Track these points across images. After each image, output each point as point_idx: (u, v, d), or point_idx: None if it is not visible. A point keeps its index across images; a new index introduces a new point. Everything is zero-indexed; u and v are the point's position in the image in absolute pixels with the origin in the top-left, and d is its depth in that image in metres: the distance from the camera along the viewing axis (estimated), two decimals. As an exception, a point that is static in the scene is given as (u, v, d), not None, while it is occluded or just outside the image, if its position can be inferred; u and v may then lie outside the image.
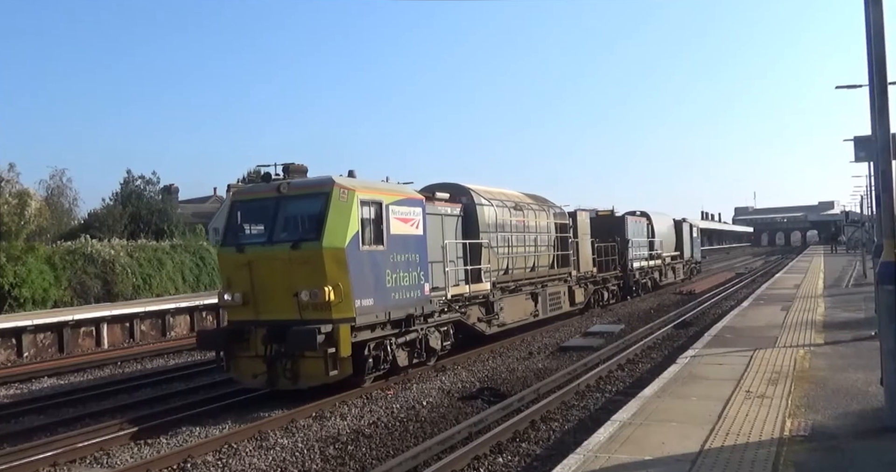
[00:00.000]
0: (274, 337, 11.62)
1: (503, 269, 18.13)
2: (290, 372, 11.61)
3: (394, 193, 13.39)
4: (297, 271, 11.55)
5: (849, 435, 7.49)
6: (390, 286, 12.73)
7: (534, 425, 10.12)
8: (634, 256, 30.40)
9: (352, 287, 11.63)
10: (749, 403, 9.01)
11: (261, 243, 12.18)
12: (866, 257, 33.17)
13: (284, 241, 11.90)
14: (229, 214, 13.12)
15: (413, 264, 13.47)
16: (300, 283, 11.46)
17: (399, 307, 12.92)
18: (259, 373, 11.81)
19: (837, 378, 10.38)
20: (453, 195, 16.57)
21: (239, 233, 12.75)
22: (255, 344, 11.93)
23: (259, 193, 12.74)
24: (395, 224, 12.96)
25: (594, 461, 6.83)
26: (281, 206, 12.19)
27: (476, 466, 8.50)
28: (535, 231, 20.20)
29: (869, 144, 12.74)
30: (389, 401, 12.05)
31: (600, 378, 13.31)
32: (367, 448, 9.44)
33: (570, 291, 22.54)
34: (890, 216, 7.79)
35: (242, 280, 12.03)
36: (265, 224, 12.45)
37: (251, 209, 12.77)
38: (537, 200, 21.33)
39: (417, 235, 13.75)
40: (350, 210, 11.85)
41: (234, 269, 12.25)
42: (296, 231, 12.12)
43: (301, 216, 12.34)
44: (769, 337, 14.72)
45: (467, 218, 16.67)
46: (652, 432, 7.85)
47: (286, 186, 12.13)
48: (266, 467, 8.87)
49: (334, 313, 11.45)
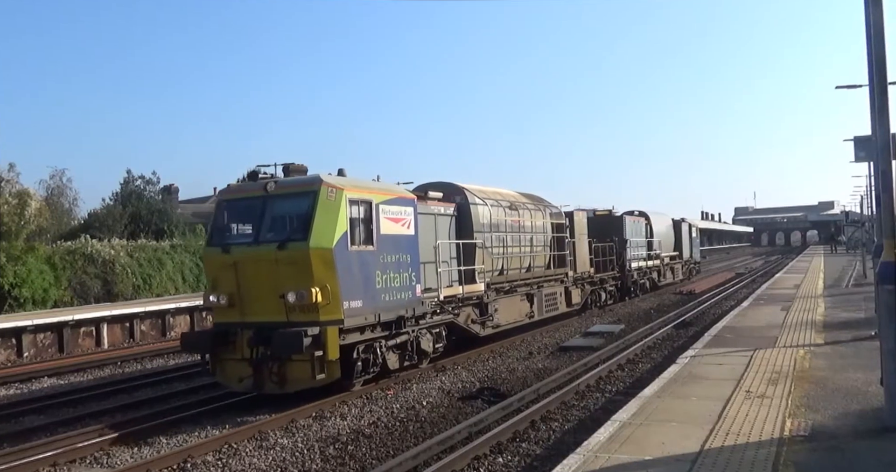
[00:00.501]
0: (260, 340, 11.40)
1: (498, 269, 17.92)
2: (276, 376, 11.39)
3: (384, 192, 13.08)
4: (283, 271, 11.33)
5: (849, 435, 7.49)
6: (380, 287, 12.47)
7: (534, 425, 10.12)
8: (633, 256, 30.12)
9: (340, 288, 11.40)
10: (749, 403, 9.01)
11: (247, 244, 11.92)
12: (866, 257, 33.15)
13: (271, 241, 11.65)
14: (215, 213, 12.92)
15: (404, 264, 13.21)
16: (287, 284, 11.22)
17: (389, 309, 12.67)
18: (245, 376, 11.59)
19: (837, 378, 10.38)
20: (447, 195, 16.32)
21: (225, 233, 12.51)
22: (240, 347, 11.69)
23: (245, 193, 12.38)
24: (385, 224, 12.70)
25: (594, 461, 6.83)
26: (268, 205, 11.94)
27: (476, 466, 8.50)
28: (531, 231, 19.97)
29: (869, 144, 12.73)
30: (389, 401, 12.05)
31: (600, 378, 13.31)
32: (367, 448, 9.44)
33: (567, 291, 22.30)
34: (890, 216, 7.79)
35: (228, 281, 11.81)
36: (252, 224, 12.21)
37: (237, 209, 12.53)
38: (533, 200, 21.13)
39: (409, 235, 13.47)
40: (338, 210, 11.63)
41: (219, 270, 12.04)
42: (282, 231, 11.84)
43: (288, 216, 12.07)
44: (769, 337, 14.72)
45: (461, 218, 16.45)
46: (652, 432, 7.85)
47: (273, 185, 11.90)
48: (266, 467, 8.87)
49: (322, 314, 11.24)
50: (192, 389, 13.78)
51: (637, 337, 18.40)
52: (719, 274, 48.52)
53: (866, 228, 43.53)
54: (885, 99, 8.00)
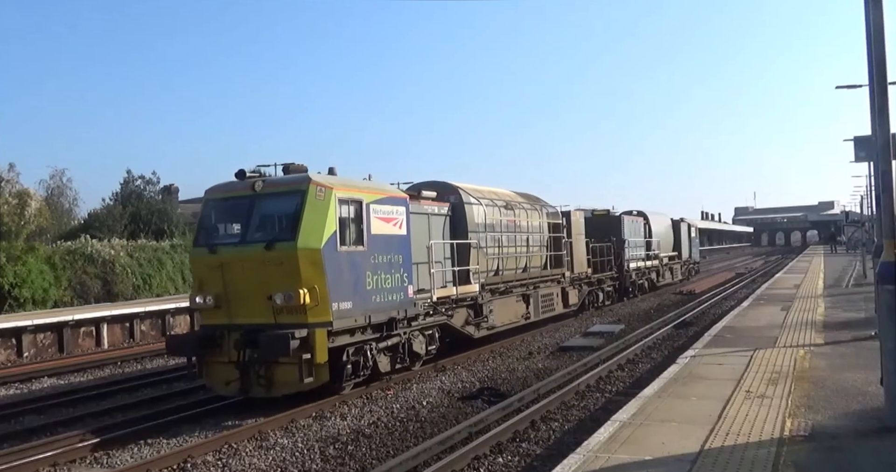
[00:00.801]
0: (247, 342, 11.12)
1: (493, 270, 17.66)
2: (263, 379, 11.13)
3: (375, 191, 12.77)
4: (271, 272, 11.09)
5: (849, 435, 7.49)
6: (371, 289, 12.19)
7: (534, 425, 10.12)
8: (631, 256, 29.93)
9: (328, 290, 11.15)
10: (749, 403, 9.01)
11: (234, 244, 11.69)
12: (866, 257, 33.14)
13: (258, 241, 11.39)
14: (202, 213, 12.68)
15: (396, 265, 12.93)
16: (274, 285, 10.99)
17: (380, 311, 12.39)
18: (232, 380, 11.31)
19: (837, 378, 10.38)
20: (441, 194, 16.05)
21: (212, 233, 12.24)
22: (227, 349, 11.41)
23: (233, 192, 12.05)
24: (376, 224, 12.43)
25: (594, 461, 6.83)
26: (255, 205, 11.68)
27: (476, 466, 8.50)
28: (527, 231, 19.70)
29: (869, 144, 12.75)
30: (389, 401, 12.05)
31: (600, 378, 13.31)
32: (367, 448, 9.44)
33: (564, 292, 22.01)
34: (890, 216, 7.79)
35: (215, 282, 11.56)
36: (239, 224, 11.96)
37: (225, 208, 12.24)
38: (529, 200, 20.85)
39: (400, 235, 13.19)
40: (327, 209, 11.38)
41: (206, 270, 11.80)
42: (270, 231, 11.61)
43: (276, 216, 11.81)
44: (769, 337, 14.72)
45: (455, 217, 16.17)
46: (652, 432, 7.85)
47: (261, 184, 11.65)
48: (266, 467, 8.87)
49: (310, 316, 11.00)
50: (192, 389, 13.75)
51: (637, 337, 18.41)
52: (719, 274, 48.53)
53: (866, 228, 43.53)
54: (885, 99, 8.00)
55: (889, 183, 7.80)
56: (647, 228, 33.74)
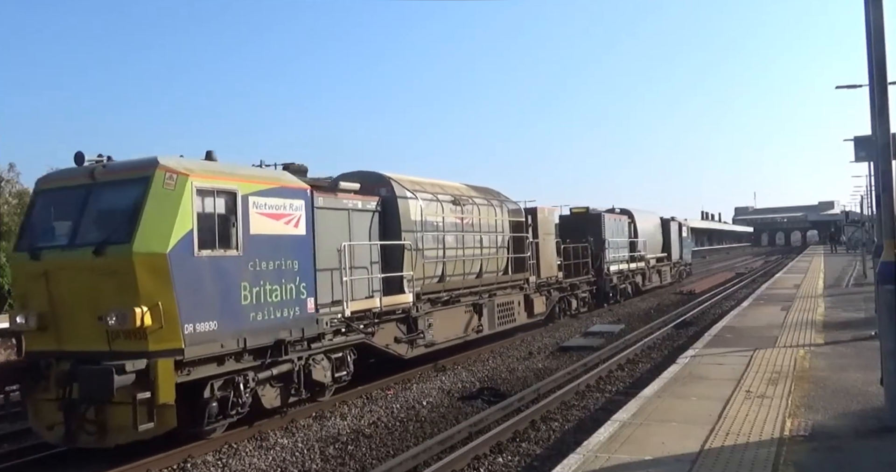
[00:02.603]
0: (72, 376, 8.69)
1: (435, 276, 15.14)
2: (93, 424, 8.72)
3: (258, 180, 10.29)
4: (102, 284, 8.69)
5: (849, 435, 7.50)
6: (248, 304, 9.70)
7: (534, 425, 10.13)
8: (612, 258, 27.47)
9: (178, 307, 8.68)
10: (749, 403, 9.01)
11: (60, 247, 9.18)
12: (866, 257, 33.14)
13: (88, 244, 8.89)
14: (28, 208, 10.42)
15: (288, 273, 10.49)
16: (106, 302, 8.58)
17: (262, 331, 9.93)
18: (56, 423, 8.93)
19: (837, 378, 10.38)
20: (368, 186, 13.48)
21: (38, 233, 9.67)
22: (52, 384, 8.97)
23: (66, 180, 9.68)
24: (258, 221, 10.00)
25: (594, 461, 6.84)
26: (91, 196, 9.30)
27: (476, 466, 8.51)
28: (481, 230, 17.08)
29: (869, 144, 12.74)
30: (389, 401, 12.04)
31: (600, 378, 13.32)
32: (367, 448, 9.45)
33: (528, 300, 19.37)
34: (890, 216, 7.80)
35: (39, 297, 9.17)
36: (70, 221, 9.39)
37: (55, 201, 9.71)
38: (485, 194, 18.16)
39: (297, 235, 10.75)
40: (179, 202, 8.95)
41: (28, 281, 9.44)
42: (104, 231, 9.04)
43: (112, 211, 9.28)
44: (769, 337, 14.72)
45: (387, 214, 13.68)
46: (652, 432, 7.86)
47: (101, 170, 9.36)
48: (266, 467, 8.88)
49: (151, 343, 8.56)
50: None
51: (637, 337, 18.42)
52: (719, 274, 48.54)
53: (866, 228, 43.53)
54: (885, 99, 8.02)
55: (889, 183, 7.81)
56: (633, 228, 31.27)
